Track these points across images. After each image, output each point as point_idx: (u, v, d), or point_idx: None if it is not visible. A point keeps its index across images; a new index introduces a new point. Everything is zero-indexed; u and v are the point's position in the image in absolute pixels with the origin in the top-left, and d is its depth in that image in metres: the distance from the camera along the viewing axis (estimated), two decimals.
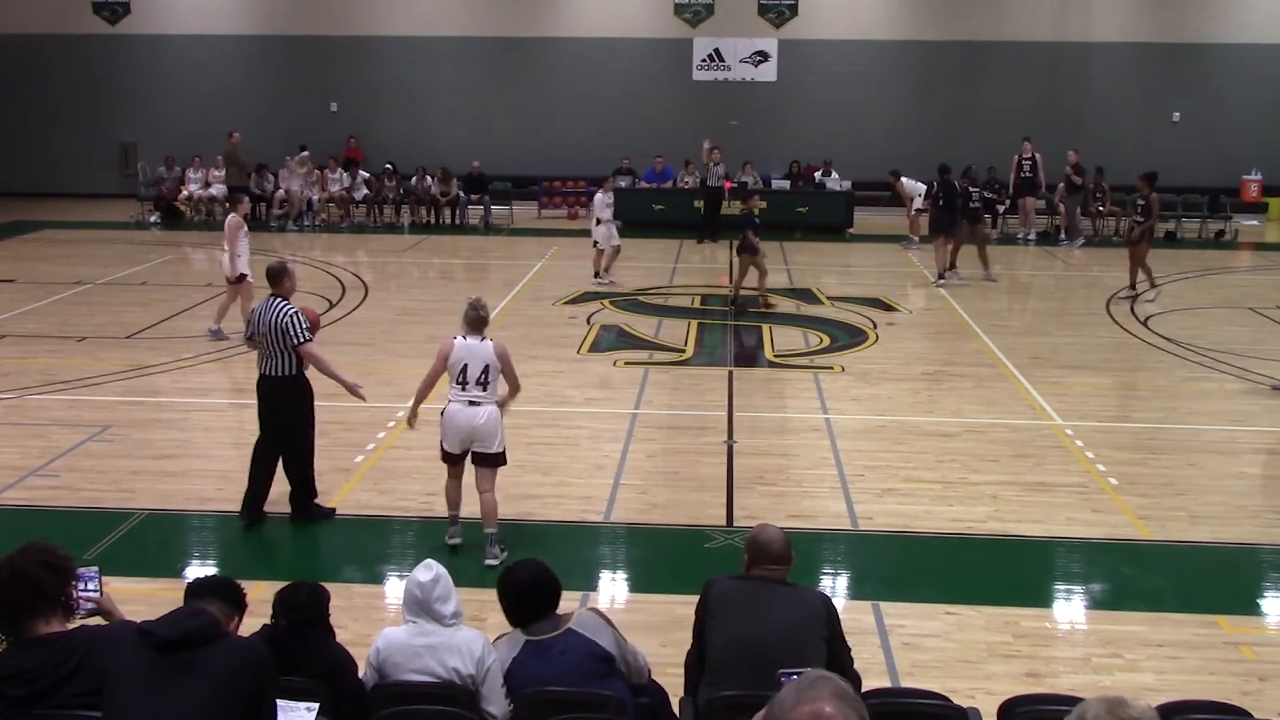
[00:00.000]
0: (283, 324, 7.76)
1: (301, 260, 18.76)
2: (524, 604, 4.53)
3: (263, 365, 7.96)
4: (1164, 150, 23.68)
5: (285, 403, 7.95)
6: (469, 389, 7.17)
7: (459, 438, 7.26)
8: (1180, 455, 9.64)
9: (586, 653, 4.41)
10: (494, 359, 7.19)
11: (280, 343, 7.80)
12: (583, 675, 4.36)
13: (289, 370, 7.89)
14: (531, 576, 4.55)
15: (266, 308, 7.88)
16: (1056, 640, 6.62)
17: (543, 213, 24.39)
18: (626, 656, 4.58)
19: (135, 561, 7.42)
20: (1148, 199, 15.99)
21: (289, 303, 7.94)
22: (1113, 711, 2.52)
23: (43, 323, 14.12)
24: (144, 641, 3.72)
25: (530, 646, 4.45)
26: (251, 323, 8.02)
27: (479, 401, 7.19)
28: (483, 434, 7.21)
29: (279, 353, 7.83)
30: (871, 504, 8.46)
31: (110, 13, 26.02)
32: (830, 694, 2.16)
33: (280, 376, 7.89)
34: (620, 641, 4.56)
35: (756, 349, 13.22)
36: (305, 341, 7.83)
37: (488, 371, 7.17)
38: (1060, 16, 24.83)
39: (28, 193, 25.52)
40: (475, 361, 7.17)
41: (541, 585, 4.55)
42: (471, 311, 7.30)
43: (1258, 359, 12.70)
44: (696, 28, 25.34)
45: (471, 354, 7.18)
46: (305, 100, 25.39)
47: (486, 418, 7.18)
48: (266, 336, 7.82)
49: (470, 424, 7.17)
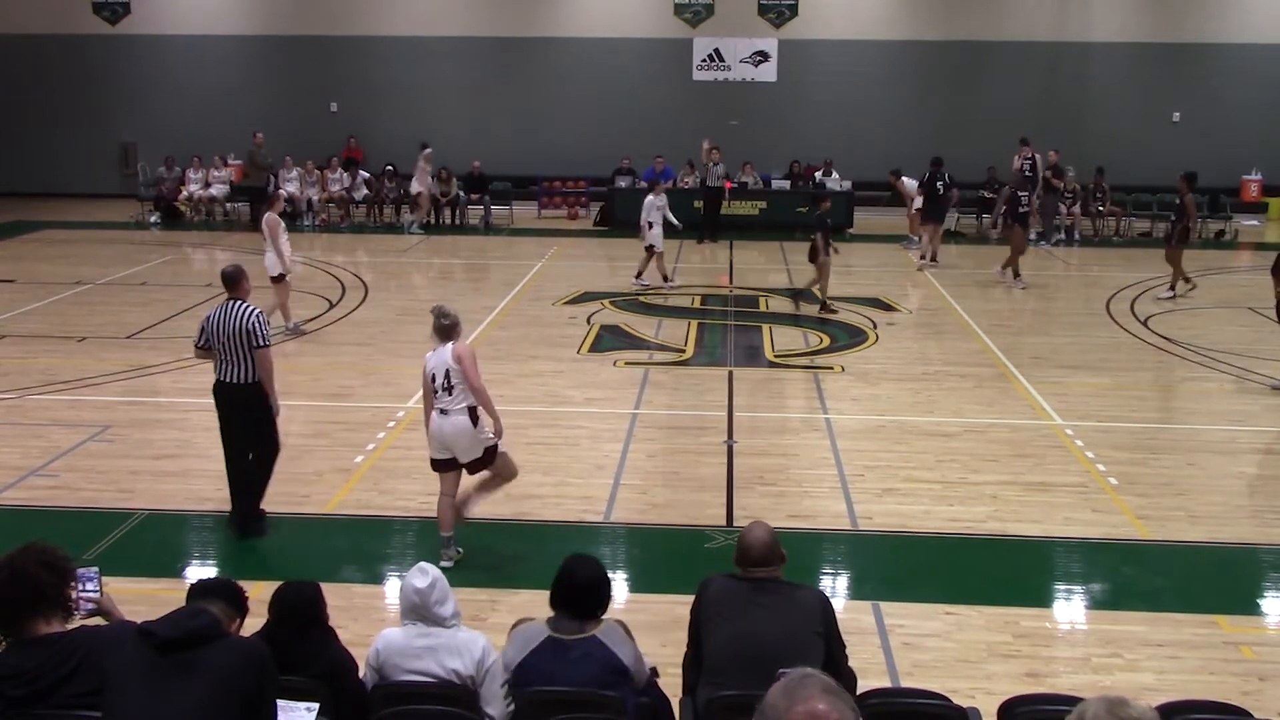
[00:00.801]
0: (247, 326, 7.52)
1: (301, 260, 18.78)
2: (572, 597, 4.49)
3: (221, 372, 7.65)
4: (1164, 150, 23.69)
5: (246, 410, 7.69)
6: (439, 397, 7.13)
7: (435, 443, 7.25)
8: (1180, 455, 9.64)
9: (604, 662, 4.38)
10: (452, 364, 7.08)
11: (243, 346, 7.54)
12: (595, 683, 4.34)
13: (249, 376, 7.61)
14: (591, 575, 4.52)
15: (225, 312, 7.59)
16: (1056, 640, 6.62)
17: (543, 213, 24.38)
18: (637, 674, 4.57)
19: (135, 562, 7.42)
20: (1184, 200, 15.77)
21: (251, 305, 7.71)
22: (1113, 711, 2.52)
23: (43, 323, 14.13)
24: (144, 641, 3.72)
25: (550, 642, 4.42)
26: (204, 329, 7.64)
27: (446, 409, 7.12)
28: (452, 443, 7.17)
29: (239, 358, 7.57)
30: (871, 504, 8.46)
31: (110, 13, 26.02)
32: (820, 691, 2.16)
33: (241, 383, 7.62)
34: (638, 656, 4.55)
35: (757, 349, 13.22)
36: (267, 345, 7.63)
37: (449, 376, 7.09)
38: (1060, 16, 24.82)
39: (28, 193, 25.52)
40: (439, 369, 7.12)
41: (593, 587, 4.51)
42: (435, 320, 7.26)
43: (1257, 359, 12.70)
44: (696, 28, 25.34)
45: (438, 362, 7.15)
46: (305, 100, 25.39)
47: (453, 427, 7.12)
48: (226, 342, 7.54)
49: (440, 432, 7.16)
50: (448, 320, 7.24)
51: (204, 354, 7.78)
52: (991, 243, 20.98)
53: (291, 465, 9.15)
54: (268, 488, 7.98)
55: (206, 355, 7.76)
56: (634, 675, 4.51)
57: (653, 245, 16.36)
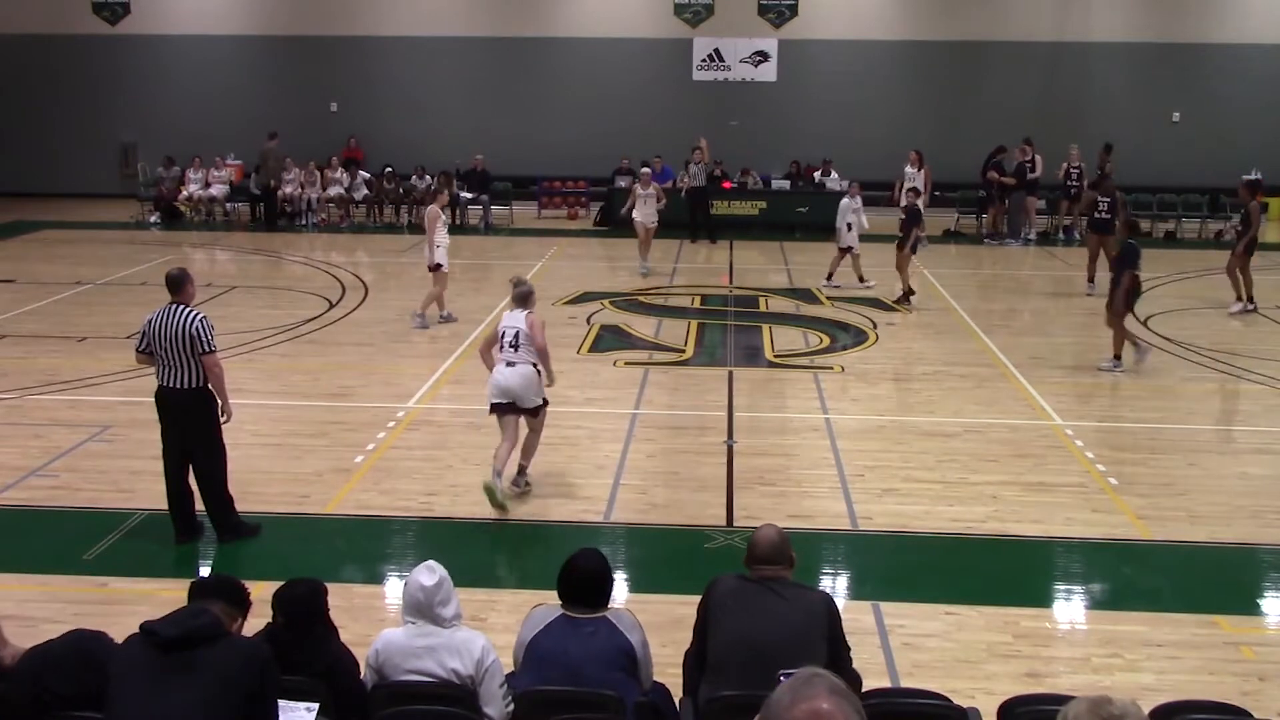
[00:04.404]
0: (191, 331, 7.32)
1: (301, 260, 18.79)
2: (576, 587, 4.65)
3: (162, 377, 7.46)
4: (1164, 150, 23.71)
5: (190, 416, 7.52)
6: (506, 352, 8.35)
7: (494, 390, 8.36)
8: (1180, 455, 9.64)
9: (614, 643, 4.54)
10: (524, 327, 8.32)
11: (185, 351, 7.35)
12: (604, 662, 4.47)
13: (193, 382, 7.43)
14: (593, 567, 4.70)
15: (166, 315, 7.40)
16: (1056, 640, 6.62)
17: (542, 213, 24.38)
18: (644, 664, 4.66)
19: (135, 562, 7.43)
20: (1248, 207, 15.08)
21: (194, 309, 7.53)
22: (1095, 710, 2.53)
23: (43, 323, 14.13)
24: (147, 640, 3.73)
25: (563, 620, 4.59)
26: (145, 334, 7.45)
27: (513, 362, 8.33)
28: (515, 391, 8.31)
29: (182, 363, 7.38)
30: (871, 504, 8.46)
31: (110, 13, 26.01)
32: (826, 691, 2.16)
33: (184, 388, 7.43)
34: (646, 647, 4.68)
35: (757, 349, 13.22)
36: (212, 350, 7.43)
37: (518, 336, 8.30)
38: (1060, 16, 24.82)
39: (28, 193, 25.52)
40: (511, 329, 8.38)
41: (596, 578, 4.69)
42: (513, 288, 8.67)
43: (1258, 359, 12.71)
44: (696, 28, 25.34)
45: (511, 323, 8.43)
46: (305, 100, 25.38)
47: (518, 376, 8.28)
48: (167, 347, 7.36)
49: (505, 380, 8.31)
50: (524, 288, 8.59)
51: (145, 359, 7.60)
52: (994, 244, 21.03)
53: (291, 465, 9.17)
54: (229, 493, 7.77)
55: (148, 360, 7.58)
56: (641, 663, 4.61)
57: (850, 246, 16.77)
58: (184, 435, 7.61)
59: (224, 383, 7.61)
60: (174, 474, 7.68)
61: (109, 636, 4.28)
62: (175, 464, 7.67)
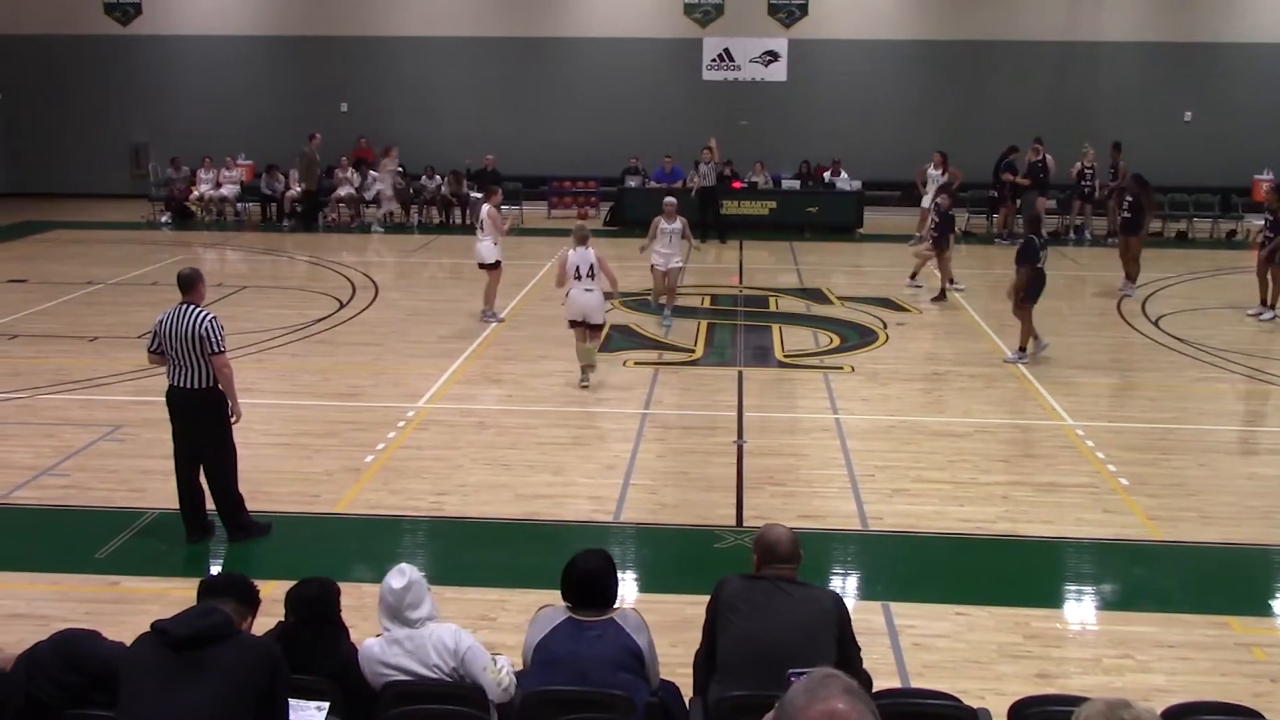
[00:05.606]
0: (200, 331, 7.36)
1: (310, 259, 18.83)
2: (578, 589, 4.64)
3: (173, 376, 7.52)
4: (1175, 150, 23.60)
5: (200, 416, 7.55)
6: (582, 280, 11.16)
7: (575, 310, 11.19)
8: (1191, 455, 9.61)
9: (621, 644, 4.52)
10: (594, 259, 11.15)
11: (195, 351, 7.39)
12: (612, 663, 4.45)
13: (203, 382, 7.46)
14: (593, 567, 4.68)
15: (177, 315, 7.44)
16: (1067, 641, 6.60)
17: (553, 213, 24.39)
18: (651, 664, 4.65)
19: (146, 561, 7.46)
20: (1277, 213, 14.79)
21: (205, 310, 7.56)
22: (1112, 711, 2.52)
23: (54, 322, 14.18)
24: (158, 639, 3.74)
25: (569, 622, 4.58)
26: (156, 334, 7.49)
27: (590, 289, 11.14)
28: (589, 310, 11.19)
29: (192, 363, 7.42)
30: (881, 504, 8.45)
31: (121, 14, 26.10)
32: (841, 691, 2.16)
33: (194, 389, 7.46)
34: (652, 647, 4.66)
35: (766, 349, 13.21)
36: (221, 351, 7.47)
37: (591, 267, 11.13)
38: (1071, 16, 24.75)
39: (39, 193, 25.63)
40: (583, 263, 11.15)
41: (597, 578, 4.66)
42: (577, 231, 11.51)
43: (1269, 359, 12.66)
44: (706, 28, 25.33)
45: (581, 257, 11.19)
46: (316, 100, 25.41)
47: (594, 299, 11.20)
48: (177, 347, 7.40)
49: (583, 302, 11.15)
50: (584, 232, 11.49)
51: (157, 359, 7.64)
52: (1005, 244, 20.97)
53: (302, 465, 9.20)
54: (240, 492, 7.79)
55: (160, 360, 7.62)
56: (648, 663, 4.60)
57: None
58: (194, 435, 7.62)
59: (233, 383, 7.63)
60: (184, 473, 7.70)
61: (100, 635, 4.29)
62: (186, 463, 7.69)
